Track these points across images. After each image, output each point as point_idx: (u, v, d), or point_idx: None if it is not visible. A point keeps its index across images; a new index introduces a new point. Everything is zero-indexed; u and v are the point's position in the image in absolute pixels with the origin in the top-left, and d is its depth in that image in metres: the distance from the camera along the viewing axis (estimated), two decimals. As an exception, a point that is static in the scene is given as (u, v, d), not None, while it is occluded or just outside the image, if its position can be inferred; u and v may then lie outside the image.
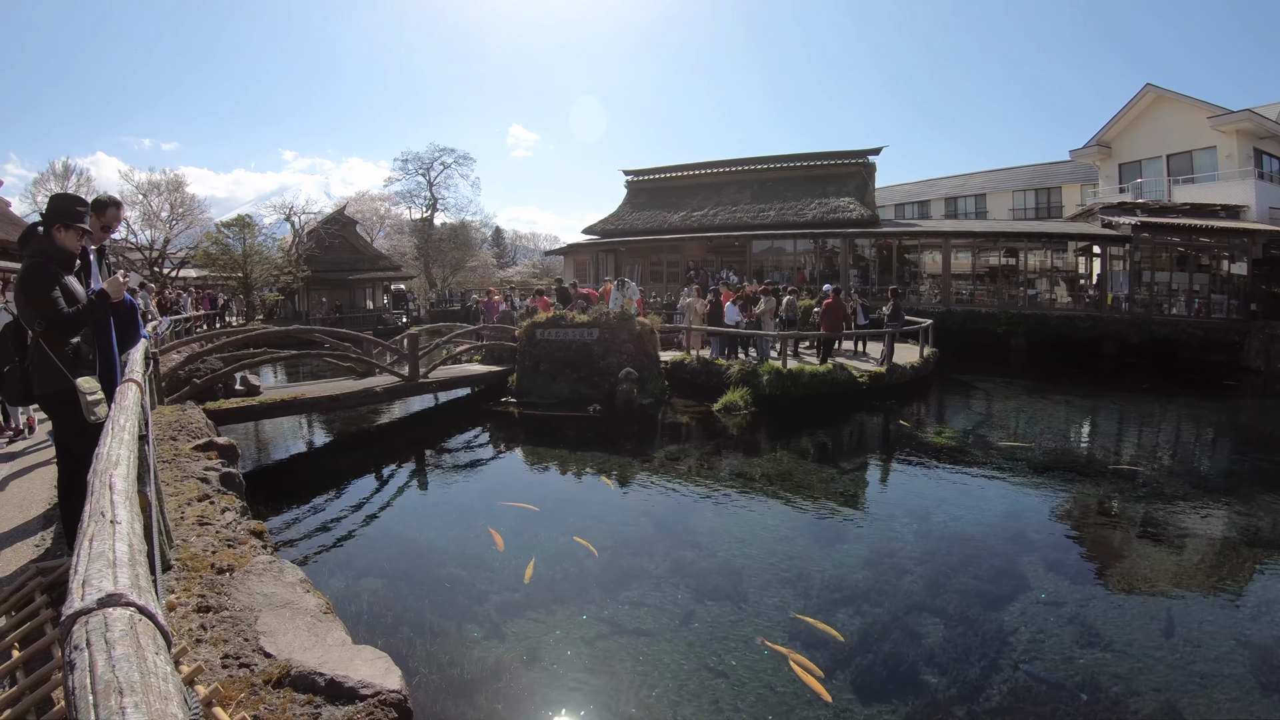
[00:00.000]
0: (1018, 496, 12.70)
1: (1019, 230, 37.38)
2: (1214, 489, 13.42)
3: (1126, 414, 21.78)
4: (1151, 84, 40.79)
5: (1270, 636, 7.64)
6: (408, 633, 7.26)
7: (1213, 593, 8.84)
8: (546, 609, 7.71)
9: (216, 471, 8.54)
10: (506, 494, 12.16)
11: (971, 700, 6.41)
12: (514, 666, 6.65)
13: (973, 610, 8.02)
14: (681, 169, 46.24)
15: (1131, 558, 10.07)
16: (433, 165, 67.91)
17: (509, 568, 8.85)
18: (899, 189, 62.35)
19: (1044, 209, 51.75)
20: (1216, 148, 37.77)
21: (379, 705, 4.13)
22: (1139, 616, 8.11)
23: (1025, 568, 9.34)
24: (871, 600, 8.21)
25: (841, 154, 41.46)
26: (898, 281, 34.66)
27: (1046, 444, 17.17)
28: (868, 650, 7.13)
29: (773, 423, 17.52)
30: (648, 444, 15.85)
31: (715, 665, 6.72)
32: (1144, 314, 32.40)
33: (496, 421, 17.79)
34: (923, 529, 10.73)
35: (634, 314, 20.27)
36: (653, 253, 41.36)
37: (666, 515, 11.25)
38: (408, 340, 17.35)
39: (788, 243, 38.20)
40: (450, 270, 68.74)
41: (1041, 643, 7.39)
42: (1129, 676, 6.79)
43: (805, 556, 9.46)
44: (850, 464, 14.67)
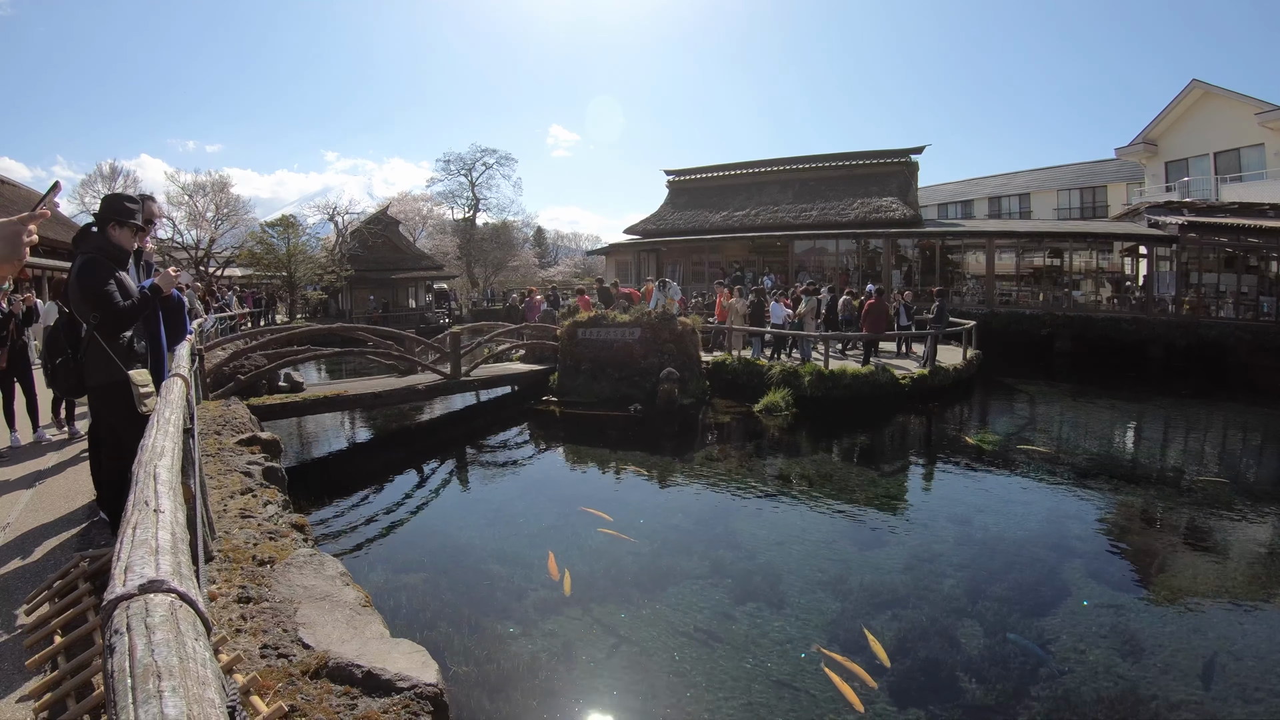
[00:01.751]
0: (1060, 502, 12.55)
1: (1063, 230, 37.04)
2: (1262, 497, 13.16)
3: (1172, 419, 21.35)
4: (1198, 80, 40.21)
5: None
6: (445, 627, 7.32)
7: (1258, 605, 8.68)
8: (584, 607, 7.75)
9: (259, 465, 8.60)
10: (549, 491, 12.31)
11: (1009, 709, 6.35)
12: (550, 663, 6.70)
13: (1013, 617, 7.96)
14: (722, 169, 45.98)
15: (1175, 567, 9.93)
16: (474, 166, 67.94)
17: (546, 565, 8.88)
18: (942, 189, 61.84)
19: (1089, 208, 51.09)
20: (1265, 145, 37.24)
21: (415, 698, 4.14)
22: (1182, 628, 7.97)
23: (1067, 575, 9.24)
24: (910, 605, 8.17)
25: (883, 153, 41.09)
26: (941, 282, 34.32)
27: (1090, 449, 16.90)
28: (904, 656, 7.08)
29: (814, 424, 17.42)
30: (688, 444, 15.87)
31: (752, 668, 6.72)
32: (1191, 316, 31.65)
33: (537, 420, 17.87)
34: (963, 534, 10.67)
35: (676, 314, 20.25)
36: (694, 253, 41.24)
37: (706, 515, 11.28)
38: (450, 338, 17.49)
39: (830, 243, 37.92)
40: (492, 270, 69.09)
41: (1082, 652, 7.30)
42: (1170, 688, 6.71)
43: (845, 560, 9.44)
44: (891, 467, 14.59)
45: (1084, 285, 35.68)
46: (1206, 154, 40.23)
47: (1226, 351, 30.24)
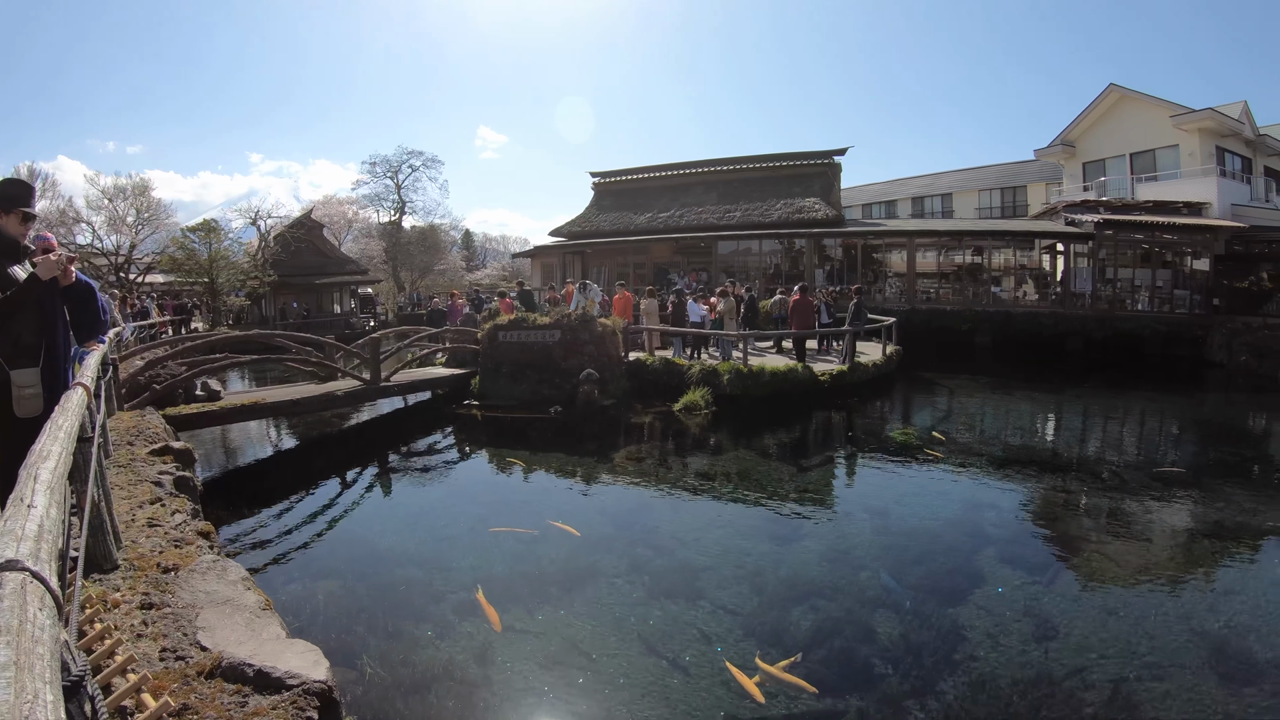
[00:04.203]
0: (976, 492, 12.85)
1: (982, 229, 37.85)
2: (1175, 482, 13.59)
3: (1089, 410, 22.07)
4: (1115, 84, 41.55)
5: (1227, 627, 7.78)
6: (362, 631, 7.33)
7: (1171, 585, 9.00)
8: (502, 608, 7.73)
9: (171, 475, 8.60)
10: (470, 495, 12.37)
11: (925, 695, 6.48)
12: (468, 665, 6.71)
13: (929, 605, 8.15)
14: (648, 170, 46.33)
15: (1090, 551, 10.20)
16: (400, 168, 67.08)
17: (466, 569, 8.91)
18: (868, 189, 62.83)
19: (1010, 208, 52.33)
20: (1179, 146, 38.43)
21: (303, 694, 4.25)
22: (1096, 609, 8.23)
23: (982, 562, 9.47)
24: (827, 596, 8.30)
25: (807, 154, 41.77)
26: (864, 280, 35.04)
27: (1007, 440, 17.47)
28: (820, 646, 7.21)
29: (734, 422, 17.63)
30: (608, 444, 15.94)
31: (670, 664, 6.79)
32: (1108, 310, 32.94)
33: (458, 424, 17.82)
34: (880, 525, 10.86)
35: (596, 315, 20.42)
36: (619, 254, 41.40)
37: (625, 514, 11.38)
38: (369, 344, 17.38)
39: (754, 243, 38.40)
40: (419, 273, 68.51)
41: (997, 637, 7.47)
42: (1084, 668, 6.91)
43: (763, 554, 9.57)
44: (810, 462, 14.84)
45: (1004, 282, 36.60)
46: (1123, 155, 41.54)
47: (1143, 343, 31.60)
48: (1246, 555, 10.14)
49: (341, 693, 5.93)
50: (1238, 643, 7.45)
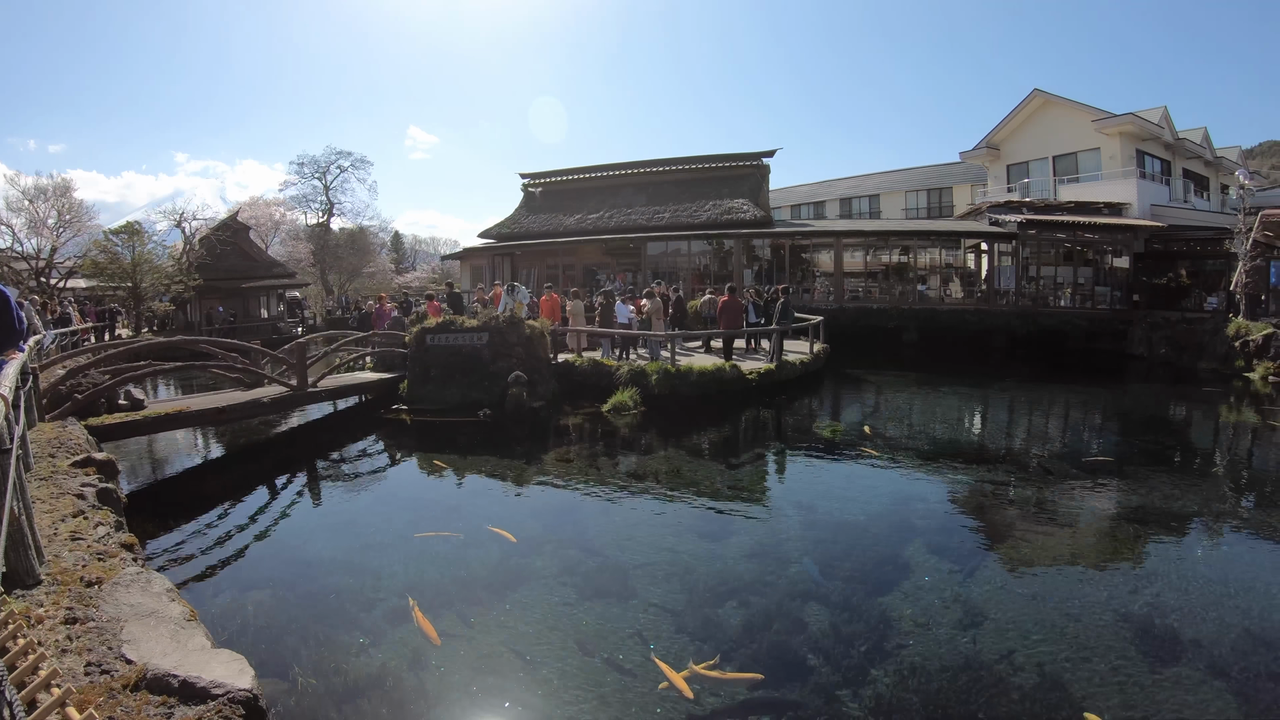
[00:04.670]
0: (904, 485, 13.15)
1: (908, 229, 38.84)
2: (1100, 470, 14.04)
3: (1015, 402, 22.82)
4: (1039, 89, 43.01)
5: (1149, 607, 8.05)
6: (293, 641, 7.25)
7: (1096, 569, 9.26)
8: (435, 614, 7.70)
9: (93, 488, 8.52)
10: (399, 501, 12.30)
11: (857, 684, 6.58)
12: (401, 671, 6.68)
13: (857, 596, 8.28)
14: (578, 172, 46.37)
15: (1016, 539, 10.47)
16: (329, 169, 66.24)
17: (397, 575, 8.86)
18: (798, 190, 63.70)
19: (936, 208, 53.42)
20: (1100, 149, 39.95)
21: (228, 703, 4.30)
22: (1022, 595, 8.45)
23: (910, 553, 9.65)
24: (757, 591, 8.40)
25: (736, 156, 42.16)
26: (793, 280, 35.58)
27: (933, 433, 17.84)
28: (752, 640, 7.29)
29: (662, 422, 17.72)
30: (538, 447, 15.96)
31: (604, 663, 6.82)
32: (1031, 307, 34.00)
33: (387, 429, 17.69)
34: (808, 520, 11.02)
35: (524, 317, 20.42)
36: (549, 256, 41.36)
37: (555, 516, 11.43)
38: (295, 349, 17.20)
39: (683, 244, 38.70)
40: (347, 276, 67.76)
41: (925, 625, 7.63)
42: (1012, 652, 7.08)
43: (693, 552, 9.65)
44: (738, 460, 14.99)
45: (931, 280, 37.39)
46: (1046, 157, 43.02)
47: (1065, 338, 32.75)
48: (1169, 539, 10.50)
49: (273, 703, 5.96)
50: (1161, 622, 7.71)
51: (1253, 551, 10.15)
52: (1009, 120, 44.95)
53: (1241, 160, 52.31)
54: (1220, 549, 10.30)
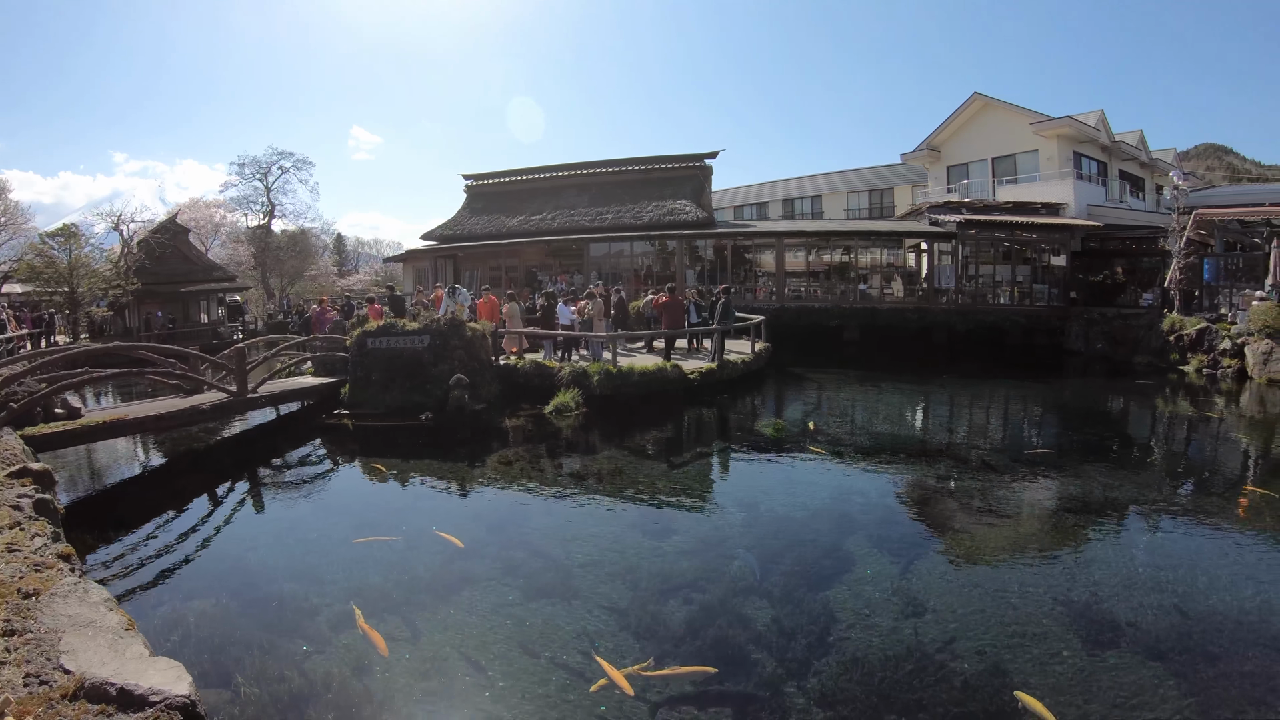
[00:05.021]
0: (845, 480, 13.36)
1: (849, 229, 39.25)
2: (1037, 462, 14.47)
3: (956, 398, 23.25)
4: (979, 92, 43.80)
5: (1087, 594, 8.30)
6: (236, 650, 7.17)
7: (1034, 558, 9.54)
8: (379, 619, 7.69)
9: (30, 499, 8.47)
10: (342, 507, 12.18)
11: (801, 676, 6.67)
12: (345, 677, 6.64)
13: (799, 590, 8.42)
14: (520, 173, 46.33)
15: (956, 531, 10.73)
16: (270, 170, 65.51)
17: (340, 581, 8.80)
18: (741, 191, 64.23)
19: (877, 209, 54.13)
20: (1039, 151, 40.80)
21: (166, 710, 4.34)
22: (963, 585, 8.65)
23: (852, 547, 9.82)
24: (700, 588, 8.50)
25: (679, 158, 42.44)
26: (735, 280, 35.93)
27: (873, 429, 18.23)
28: (695, 636, 7.37)
29: (605, 422, 17.84)
30: (480, 449, 15.94)
31: (549, 663, 6.85)
32: (971, 304, 34.77)
33: (329, 435, 17.47)
34: (750, 517, 11.19)
35: (465, 319, 20.43)
36: (491, 257, 41.27)
37: (498, 518, 11.41)
38: (235, 354, 16.98)
39: (625, 245, 38.83)
40: (289, 279, 67.02)
41: (868, 615, 7.78)
42: (954, 640, 7.26)
43: (636, 550, 9.71)
44: (681, 459, 15.13)
45: (872, 279, 37.85)
46: (985, 159, 43.85)
47: (1004, 334, 33.57)
48: (1107, 527, 10.82)
49: (215, 712, 5.95)
50: (1099, 607, 7.96)
51: (1189, 537, 10.47)
52: (949, 122, 45.72)
53: (1176, 162, 53.86)
54: (1157, 535, 10.64)
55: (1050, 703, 6.12)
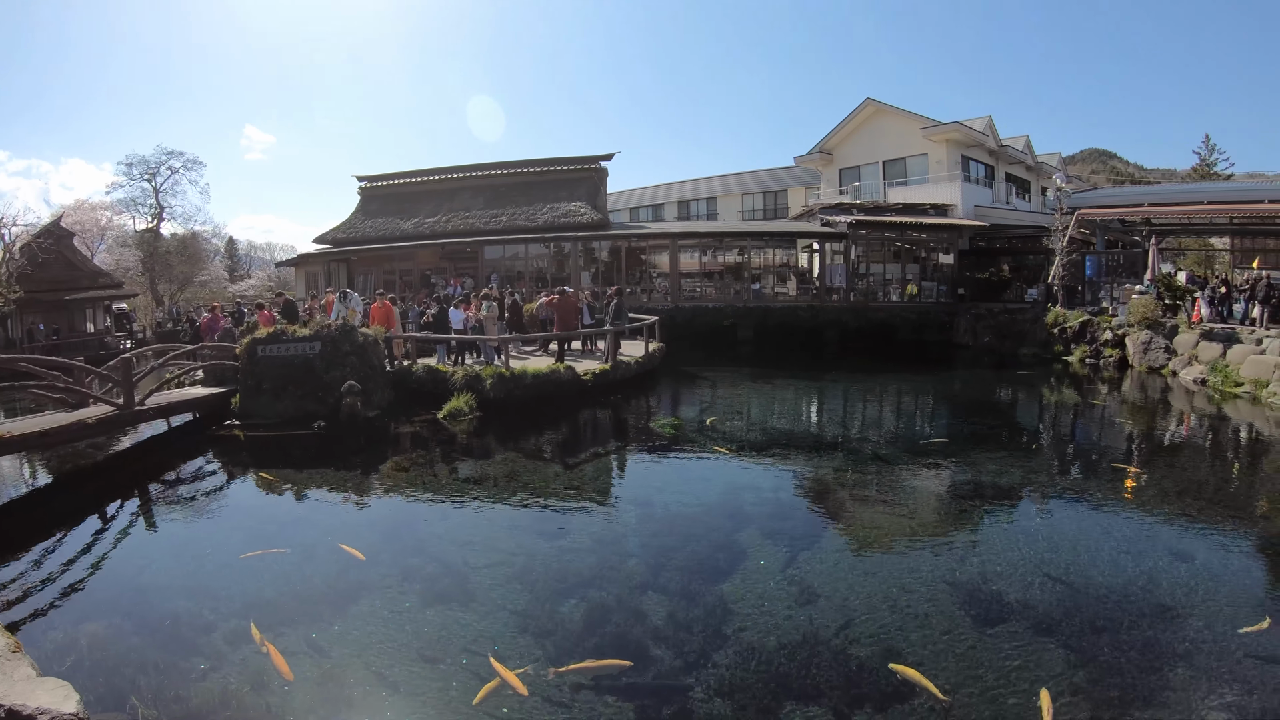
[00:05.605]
0: (738, 475, 13.69)
1: (743, 230, 40.23)
2: (928, 452, 15.10)
3: (849, 392, 24.06)
4: (871, 98, 45.36)
5: (976, 575, 8.74)
6: (130, 672, 6.97)
7: (926, 543, 9.96)
8: (276, 632, 7.58)
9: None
10: (234, 521, 11.94)
11: (700, 668, 6.82)
12: (243, 693, 6.54)
13: (695, 584, 8.61)
14: (416, 174, 46.18)
15: (849, 520, 11.16)
16: (159, 170, 63.11)
17: (235, 597, 8.62)
18: (637, 192, 64.62)
19: (771, 210, 55.17)
20: (928, 154, 42.63)
21: None
22: (856, 572, 8.98)
23: (745, 540, 10.09)
24: (596, 586, 8.66)
25: (574, 159, 42.86)
26: (630, 281, 36.41)
27: (769, 425, 18.73)
28: (593, 634, 7.47)
29: (499, 426, 17.89)
30: (374, 457, 15.86)
31: (448, 668, 6.91)
32: (862, 302, 35.91)
33: (221, 446, 17.10)
34: (645, 514, 11.43)
35: (357, 325, 20.29)
36: (385, 261, 40.97)
37: (394, 525, 11.38)
38: (121, 365, 16.58)
39: (520, 247, 38.93)
40: (178, 286, 65.09)
41: (763, 606, 8.02)
42: (848, 625, 7.54)
43: (532, 552, 9.80)
44: (574, 459, 15.33)
45: (766, 279, 38.72)
46: (876, 162, 45.45)
47: (895, 330, 34.88)
48: (996, 511, 11.43)
49: None
50: (987, 588, 8.38)
51: (1074, 517, 11.15)
52: (842, 127, 47.11)
53: (1060, 165, 56.33)
54: (1044, 517, 11.29)
55: (945, 679, 6.47)
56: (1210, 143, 78.11)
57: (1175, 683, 6.51)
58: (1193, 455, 15.62)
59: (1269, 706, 6.15)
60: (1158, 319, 26.90)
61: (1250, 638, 7.22)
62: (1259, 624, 7.44)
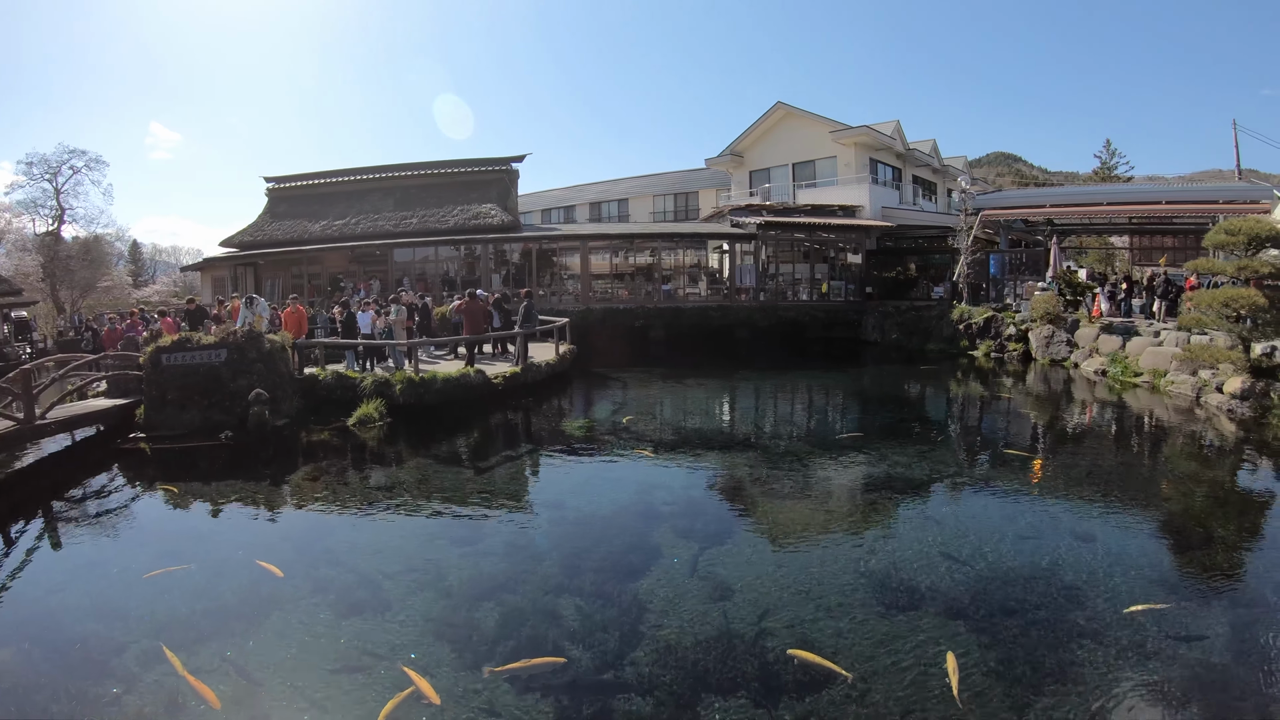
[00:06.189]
0: (650, 475, 13.94)
1: (653, 232, 40.70)
2: (836, 446, 15.65)
3: (760, 390, 24.54)
4: (782, 101, 46.25)
5: (888, 564, 9.10)
6: (41, 700, 6.85)
7: (838, 535, 10.34)
8: (188, 651, 7.46)
9: None
10: (140, 538, 11.65)
11: (616, 667, 6.94)
12: (157, 715, 6.50)
13: (610, 585, 8.76)
14: (325, 175, 45.66)
15: (761, 515, 11.45)
16: (60, 170, 60.57)
17: (145, 617, 8.43)
18: (549, 194, 64.96)
19: (682, 212, 56.00)
20: (837, 157, 43.60)
21: None
22: (769, 565, 9.22)
23: (658, 538, 10.31)
24: (511, 590, 8.73)
25: (485, 161, 42.90)
26: (542, 284, 36.68)
27: (681, 424, 19.07)
28: (509, 638, 7.52)
29: (410, 432, 17.91)
30: (284, 467, 15.66)
31: (364, 678, 6.91)
32: (771, 301, 36.70)
33: (126, 461, 16.60)
34: (557, 516, 11.60)
35: (264, 331, 20.04)
36: (294, 265, 40.34)
37: (304, 536, 11.23)
38: (19, 377, 16.11)
39: (431, 250, 38.88)
40: (80, 292, 63.23)
41: (678, 603, 8.18)
42: (762, 617, 7.76)
43: (445, 558, 9.84)
44: (486, 464, 15.42)
45: (678, 280, 39.27)
46: (786, 164, 46.34)
47: (804, 328, 35.87)
48: (907, 502, 11.85)
49: None
50: (898, 576, 8.72)
51: (983, 504, 11.71)
52: (753, 130, 47.89)
53: (966, 168, 58.53)
54: (954, 505, 11.79)
55: (857, 663, 6.80)
56: (1111, 147, 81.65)
57: (1081, 659, 6.93)
58: (1095, 442, 16.45)
59: (1170, 677, 6.64)
60: (1059, 314, 28.17)
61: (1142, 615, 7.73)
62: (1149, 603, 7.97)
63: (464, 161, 43.36)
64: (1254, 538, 10.45)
